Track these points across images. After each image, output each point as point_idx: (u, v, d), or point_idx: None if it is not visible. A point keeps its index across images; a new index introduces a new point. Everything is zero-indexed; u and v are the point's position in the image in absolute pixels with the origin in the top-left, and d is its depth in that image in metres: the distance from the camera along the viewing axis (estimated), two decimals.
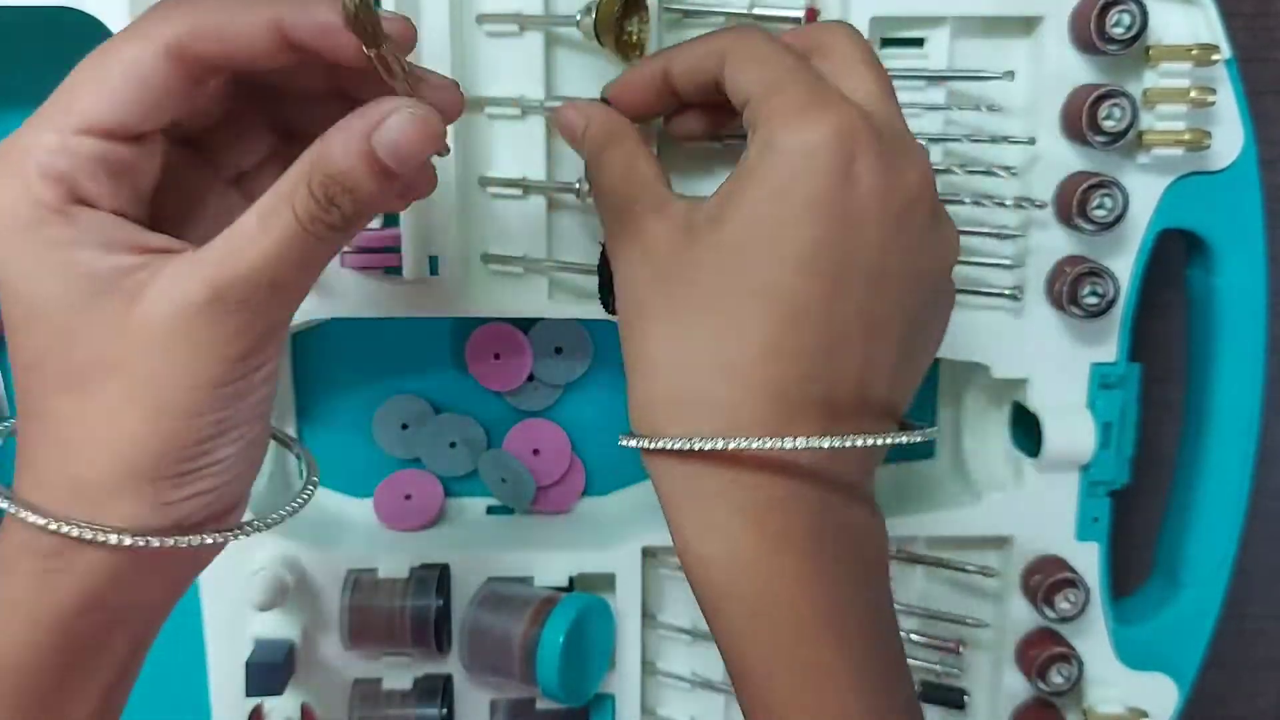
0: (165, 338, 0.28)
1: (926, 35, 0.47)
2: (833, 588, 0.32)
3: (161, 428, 0.29)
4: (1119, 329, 0.49)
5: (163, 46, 0.28)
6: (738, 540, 0.32)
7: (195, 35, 0.28)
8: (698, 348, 0.32)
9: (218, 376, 0.29)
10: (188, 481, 0.30)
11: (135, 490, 0.29)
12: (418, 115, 0.29)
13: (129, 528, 0.29)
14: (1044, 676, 0.50)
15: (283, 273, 0.29)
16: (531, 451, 0.54)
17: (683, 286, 0.33)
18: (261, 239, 0.29)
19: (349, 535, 0.53)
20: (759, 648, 0.32)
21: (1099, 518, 0.51)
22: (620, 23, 0.42)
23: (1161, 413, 0.56)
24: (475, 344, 0.53)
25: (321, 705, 0.51)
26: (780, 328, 0.32)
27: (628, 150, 0.37)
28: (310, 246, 0.29)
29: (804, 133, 0.32)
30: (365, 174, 0.29)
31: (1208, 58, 0.45)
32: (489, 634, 0.49)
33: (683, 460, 0.32)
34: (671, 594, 0.53)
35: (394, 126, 0.28)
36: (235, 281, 0.29)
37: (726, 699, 0.53)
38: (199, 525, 0.31)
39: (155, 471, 0.29)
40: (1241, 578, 0.52)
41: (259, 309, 0.29)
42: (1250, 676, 0.64)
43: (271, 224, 0.29)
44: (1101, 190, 0.45)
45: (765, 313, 0.32)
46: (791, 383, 0.32)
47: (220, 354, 0.29)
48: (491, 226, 0.48)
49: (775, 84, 0.33)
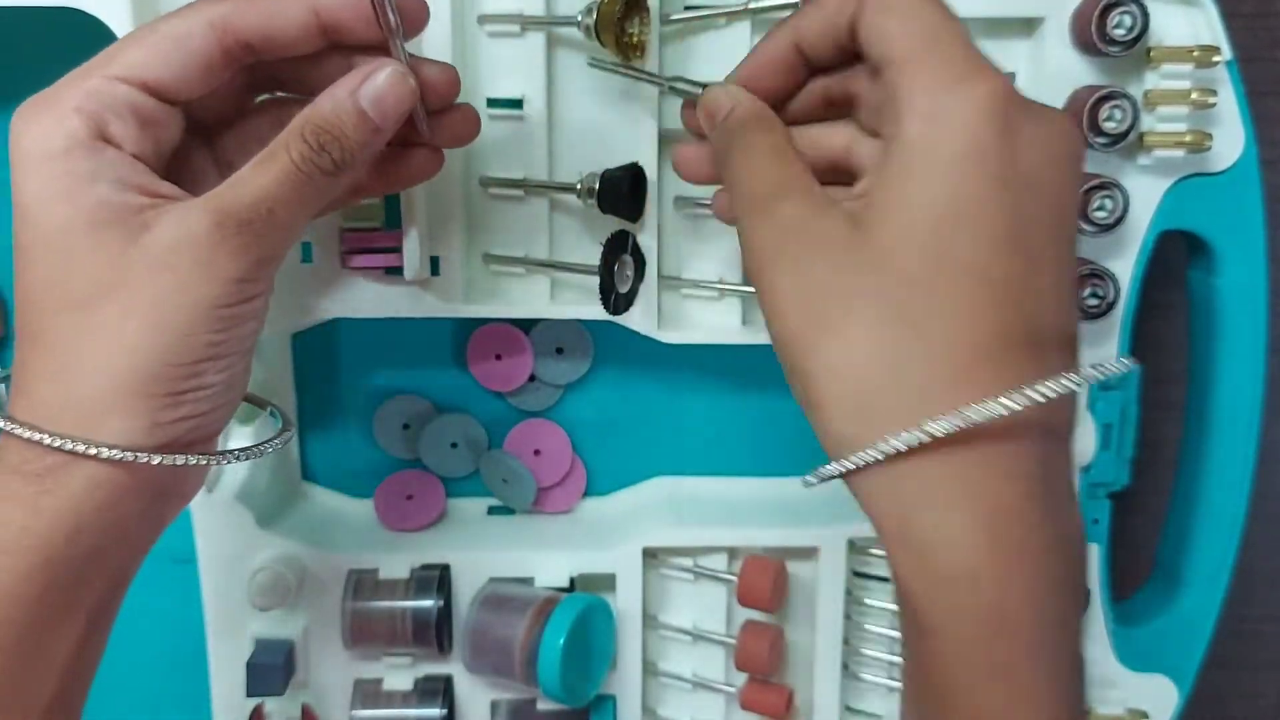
0: (168, 257, 0.30)
1: None
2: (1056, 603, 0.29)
3: (159, 342, 0.30)
4: (1119, 331, 0.49)
5: (205, 21, 0.32)
6: (973, 553, 0.28)
7: (239, 14, 0.32)
8: (907, 339, 0.29)
9: (216, 296, 0.31)
10: (179, 402, 0.31)
11: (129, 406, 0.30)
12: (396, 72, 0.33)
13: (120, 444, 0.30)
14: None
15: (279, 203, 0.32)
16: (532, 452, 0.54)
17: (876, 276, 0.29)
18: (259, 176, 0.32)
19: (350, 536, 0.53)
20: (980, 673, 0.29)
21: (1099, 519, 0.51)
22: (621, 23, 0.42)
23: (1162, 414, 0.56)
24: (476, 344, 0.53)
25: (322, 705, 0.51)
26: (992, 304, 0.29)
27: (776, 138, 0.34)
28: (304, 184, 0.32)
29: (971, 102, 0.29)
30: (351, 123, 0.33)
31: (1208, 59, 0.45)
32: (490, 634, 0.49)
33: (909, 466, 0.29)
34: (672, 594, 0.53)
35: (376, 81, 0.33)
36: (236, 207, 0.31)
37: (727, 699, 0.53)
38: (185, 448, 0.32)
39: (149, 388, 0.31)
40: (1242, 579, 0.52)
41: (258, 233, 0.32)
42: (1250, 678, 0.64)
43: (268, 165, 0.32)
44: (1102, 192, 0.45)
45: (978, 292, 0.29)
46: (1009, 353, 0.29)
47: (219, 273, 0.31)
48: (493, 227, 0.48)
49: (929, 40, 0.30)
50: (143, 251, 0.30)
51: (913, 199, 0.29)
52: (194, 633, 0.49)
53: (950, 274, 0.29)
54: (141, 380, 0.30)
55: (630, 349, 0.54)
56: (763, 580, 0.50)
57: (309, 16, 0.33)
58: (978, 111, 0.29)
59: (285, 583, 0.49)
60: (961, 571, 0.28)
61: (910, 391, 0.29)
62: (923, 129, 0.29)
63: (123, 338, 0.30)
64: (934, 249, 0.29)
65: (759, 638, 0.51)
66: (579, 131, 0.47)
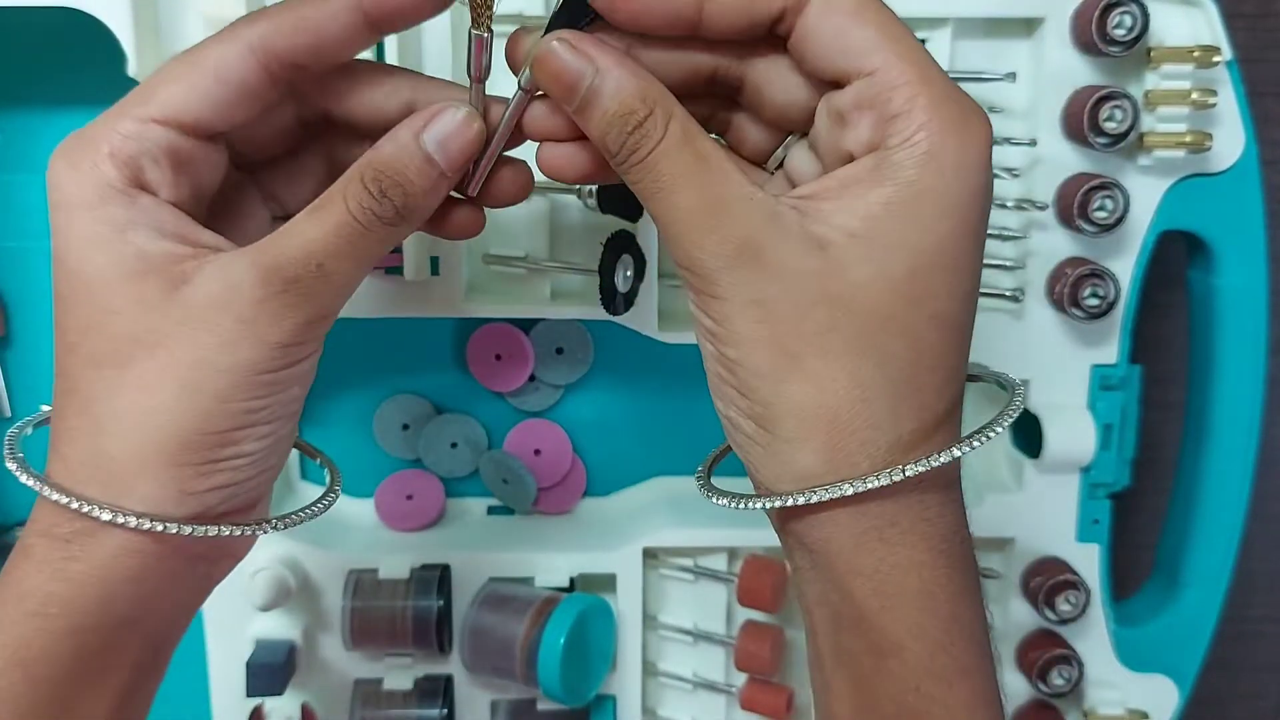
0: (207, 314, 0.29)
1: (928, 36, 0.47)
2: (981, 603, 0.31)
3: (194, 407, 0.29)
4: (1120, 331, 0.49)
5: (246, 45, 0.30)
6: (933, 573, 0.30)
7: (278, 31, 0.30)
8: (879, 386, 0.28)
9: (257, 361, 0.29)
10: (212, 471, 0.30)
11: (159, 473, 0.29)
12: (462, 113, 0.31)
13: (149, 512, 0.29)
14: (1044, 678, 0.50)
15: (331, 257, 0.29)
16: (532, 452, 0.54)
17: (843, 314, 0.28)
18: (310, 228, 0.30)
19: (350, 536, 0.53)
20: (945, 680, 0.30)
21: (1099, 519, 0.51)
22: None
23: (1162, 414, 0.56)
24: (476, 344, 0.53)
25: (322, 706, 0.51)
26: (955, 350, 0.29)
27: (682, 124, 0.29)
28: (359, 236, 0.30)
29: (972, 147, 0.28)
30: (414, 167, 0.30)
31: (1209, 59, 0.45)
32: (490, 634, 0.49)
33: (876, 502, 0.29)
34: (672, 595, 0.53)
35: (442, 122, 0.30)
36: (284, 262, 0.29)
37: (727, 699, 0.53)
38: (218, 519, 0.30)
39: (181, 456, 0.29)
40: (1242, 580, 0.52)
41: (306, 292, 0.29)
42: (1250, 678, 0.64)
43: (321, 214, 0.30)
44: (1103, 192, 0.45)
45: (949, 342, 0.29)
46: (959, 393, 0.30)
47: (261, 335, 0.29)
48: (493, 227, 0.47)
49: (912, 61, 0.28)
50: (181, 307, 0.29)
51: (901, 240, 0.28)
52: (194, 633, 0.49)
53: (927, 322, 0.29)
54: (172, 447, 0.29)
55: (630, 349, 0.54)
56: (763, 580, 0.50)
57: (353, 15, 0.30)
58: (974, 158, 0.28)
59: (285, 583, 0.49)
60: (921, 590, 0.29)
61: (880, 430, 0.29)
62: (923, 172, 0.28)
63: (155, 400, 0.29)
64: (916, 295, 0.28)
65: (759, 638, 0.51)
66: None
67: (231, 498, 0.30)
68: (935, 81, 0.28)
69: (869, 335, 0.28)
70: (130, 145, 0.29)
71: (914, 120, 0.28)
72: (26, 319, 0.51)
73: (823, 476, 0.29)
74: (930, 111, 0.28)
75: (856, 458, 0.29)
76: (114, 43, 0.41)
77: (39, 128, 0.49)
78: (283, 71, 0.30)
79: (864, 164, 0.28)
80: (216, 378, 0.29)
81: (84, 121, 0.52)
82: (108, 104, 0.50)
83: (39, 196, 0.50)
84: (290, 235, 0.30)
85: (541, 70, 0.30)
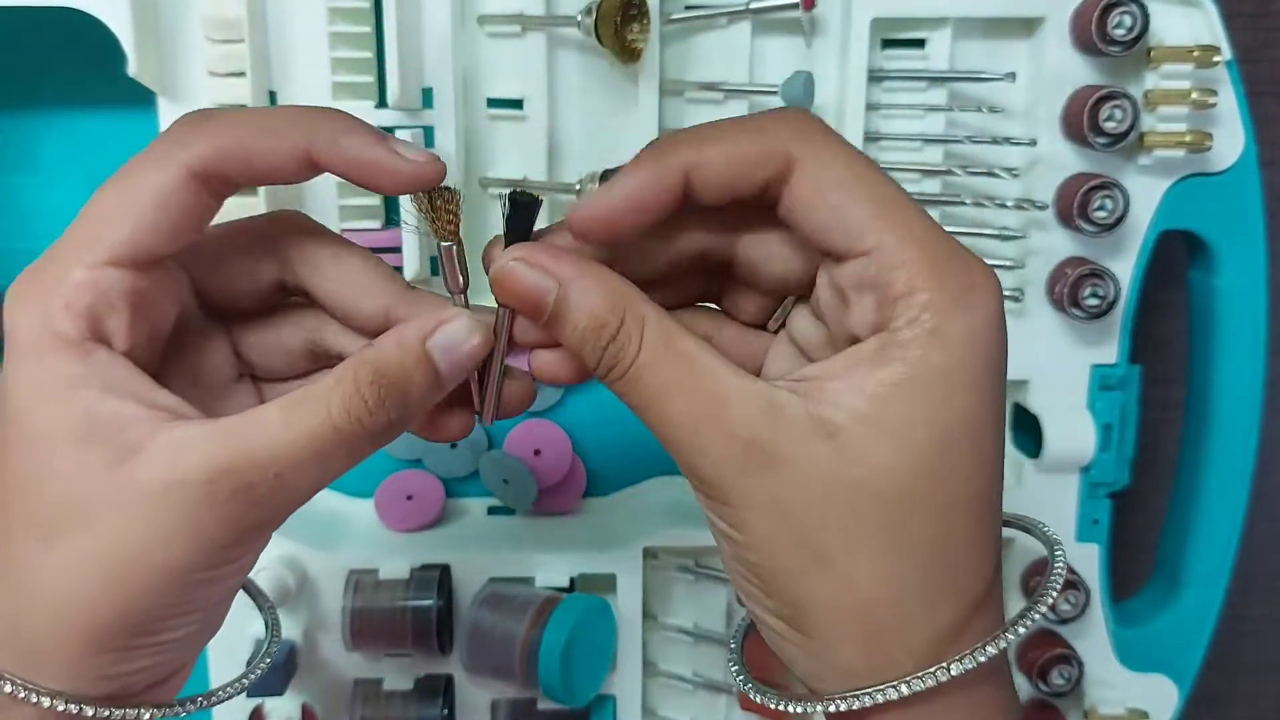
0: (148, 507, 0.27)
1: (927, 36, 0.47)
2: None
3: (119, 600, 0.27)
4: (1119, 331, 0.49)
5: (186, 170, 0.28)
6: None
7: (220, 157, 0.28)
8: (912, 574, 0.27)
9: (193, 562, 0.27)
10: (133, 657, 0.28)
11: (77, 655, 0.27)
12: (471, 324, 0.29)
13: (64, 691, 0.27)
14: (1045, 678, 0.50)
15: (294, 470, 0.27)
16: (533, 452, 0.54)
17: (866, 504, 0.27)
18: (279, 431, 0.27)
19: (350, 536, 0.53)
20: None
21: (1099, 519, 0.51)
22: (620, 24, 0.42)
23: (1162, 414, 0.56)
24: None
25: (322, 705, 0.51)
26: (993, 534, 0.28)
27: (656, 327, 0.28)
28: (334, 448, 0.28)
29: (978, 316, 0.27)
30: (420, 374, 0.28)
31: (1209, 59, 0.45)
32: (490, 635, 0.49)
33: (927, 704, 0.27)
34: (672, 595, 0.53)
35: (451, 332, 0.29)
36: (239, 467, 0.27)
37: (727, 699, 0.53)
38: (136, 696, 0.29)
39: (101, 643, 0.27)
40: (1242, 580, 0.52)
41: (257, 501, 0.27)
42: (1250, 678, 0.64)
43: (295, 417, 0.27)
44: (1102, 192, 0.45)
45: (980, 520, 0.28)
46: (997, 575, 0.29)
47: (202, 539, 0.27)
48: (493, 227, 0.48)
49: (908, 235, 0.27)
50: (120, 487, 0.27)
51: (915, 418, 0.26)
52: None
53: (954, 502, 0.27)
54: (92, 635, 0.27)
55: None
56: None
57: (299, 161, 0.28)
58: (985, 328, 0.27)
59: (285, 583, 0.49)
60: None
61: (917, 624, 0.27)
62: (930, 350, 0.26)
63: (77, 585, 0.27)
64: (943, 475, 0.27)
65: (759, 638, 0.51)
66: (579, 131, 0.47)
67: (154, 678, 0.29)
68: (936, 254, 0.27)
69: (896, 523, 0.27)
70: (84, 295, 0.27)
71: (917, 301, 0.26)
72: None
73: (865, 676, 0.27)
74: (933, 289, 0.26)
75: (898, 654, 0.27)
76: (114, 43, 0.41)
77: (39, 128, 0.49)
78: (225, 189, 0.29)
79: (870, 344, 0.27)
80: (145, 572, 0.27)
81: (84, 121, 0.53)
82: (108, 104, 0.50)
83: (39, 196, 0.50)
84: (255, 434, 0.27)
85: (501, 292, 0.29)
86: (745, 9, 0.45)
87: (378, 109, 0.44)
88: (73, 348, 0.27)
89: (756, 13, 0.45)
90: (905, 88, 0.47)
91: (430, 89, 0.44)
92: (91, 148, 0.50)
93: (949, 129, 0.47)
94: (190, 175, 0.28)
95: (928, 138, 0.47)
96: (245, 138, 0.28)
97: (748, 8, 0.45)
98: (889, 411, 0.26)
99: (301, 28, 0.44)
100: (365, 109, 0.44)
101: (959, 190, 0.47)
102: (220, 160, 0.28)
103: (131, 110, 0.48)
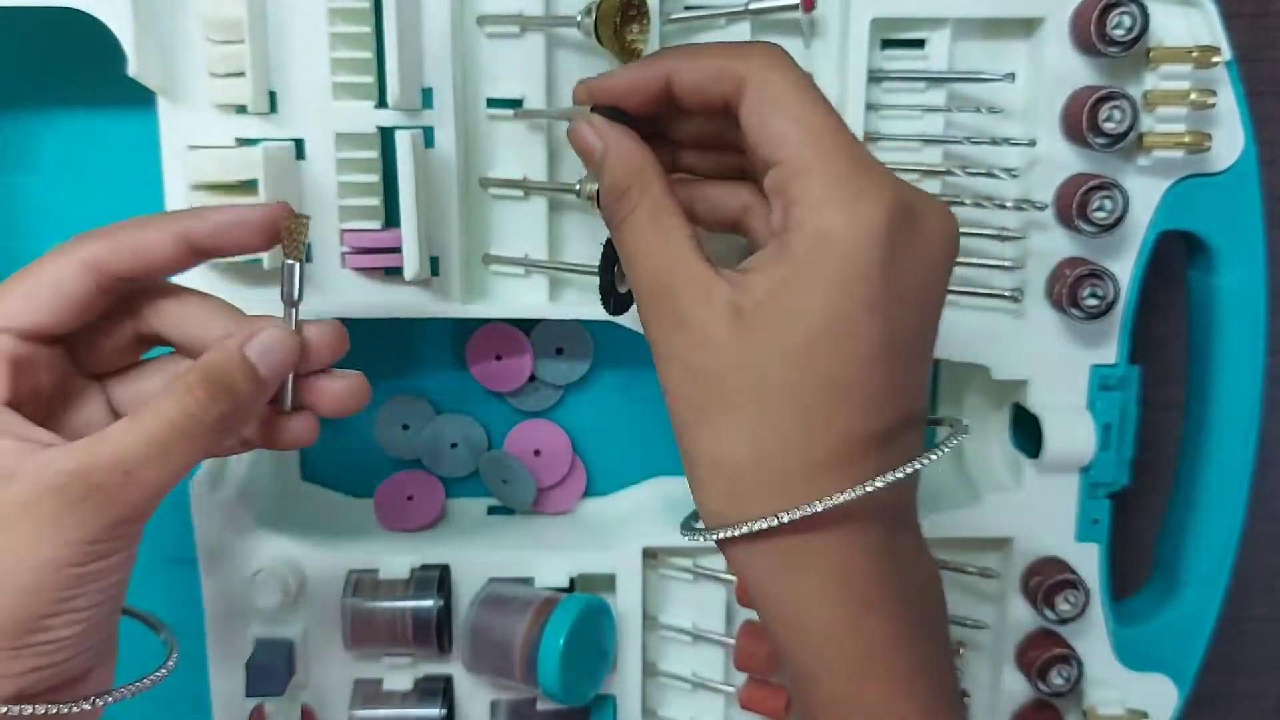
0: (18, 515, 0.31)
1: (927, 36, 0.47)
2: (924, 643, 0.33)
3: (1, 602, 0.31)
4: (1119, 331, 0.49)
5: (80, 262, 0.34)
6: (837, 613, 0.32)
7: (111, 251, 0.34)
8: (775, 443, 0.31)
9: (62, 558, 0.31)
10: (22, 656, 0.31)
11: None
12: (282, 331, 0.36)
13: None
14: (1044, 678, 0.50)
15: (140, 465, 0.32)
16: (532, 452, 0.55)
17: (750, 380, 0.32)
18: (123, 435, 0.32)
19: (350, 536, 0.53)
20: (861, 712, 0.32)
21: (1099, 519, 0.51)
22: (620, 24, 0.42)
23: (1161, 414, 0.56)
24: (476, 344, 0.53)
25: (322, 705, 0.51)
26: (858, 413, 0.31)
27: (654, 201, 0.34)
28: (173, 442, 0.33)
29: (860, 218, 0.31)
30: (241, 374, 0.34)
31: (1208, 59, 0.45)
32: (490, 634, 0.49)
33: (768, 542, 0.32)
34: (672, 595, 0.53)
35: (264, 337, 0.35)
36: (90, 467, 0.31)
37: (726, 699, 0.53)
38: (39, 696, 0.32)
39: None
40: (1241, 579, 0.52)
41: (111, 495, 0.32)
42: (1250, 678, 0.64)
43: (138, 422, 0.32)
44: (1102, 192, 0.45)
45: (845, 404, 0.31)
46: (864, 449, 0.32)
47: (66, 536, 0.31)
48: (493, 227, 0.48)
49: (817, 148, 0.32)
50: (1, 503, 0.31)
51: (792, 312, 0.31)
52: (194, 633, 0.49)
53: (817, 385, 0.31)
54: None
55: (630, 349, 0.54)
56: None
57: (177, 242, 0.35)
58: (862, 235, 0.31)
59: (285, 583, 0.49)
60: (825, 629, 0.32)
61: (772, 484, 0.32)
62: (809, 248, 0.31)
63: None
64: (805, 362, 0.31)
65: (759, 638, 0.51)
66: None
67: (52, 677, 0.32)
68: (837, 166, 0.31)
69: (763, 397, 0.31)
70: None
71: (805, 206, 0.31)
72: None
73: (726, 516, 0.32)
74: (822, 196, 0.31)
75: (753, 504, 0.32)
76: (114, 43, 0.41)
77: (39, 128, 0.49)
78: (113, 285, 0.35)
79: (774, 245, 0.32)
80: (22, 574, 0.31)
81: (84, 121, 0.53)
82: (108, 104, 0.50)
83: (39, 196, 0.50)
84: (104, 441, 0.32)
85: (572, 139, 0.37)
86: (745, 9, 0.45)
87: (378, 109, 0.44)
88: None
89: (756, 13, 0.45)
90: (904, 88, 0.47)
91: (430, 89, 0.44)
92: (91, 148, 0.50)
93: (948, 129, 0.47)
94: (83, 266, 0.34)
95: (927, 138, 0.47)
96: (131, 231, 0.35)
97: (747, 8, 0.45)
98: (773, 304, 0.31)
99: (301, 28, 0.43)
100: (365, 109, 0.44)
101: (958, 190, 0.47)
102: (111, 251, 0.34)
103: (131, 110, 0.48)
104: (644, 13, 0.43)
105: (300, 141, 0.45)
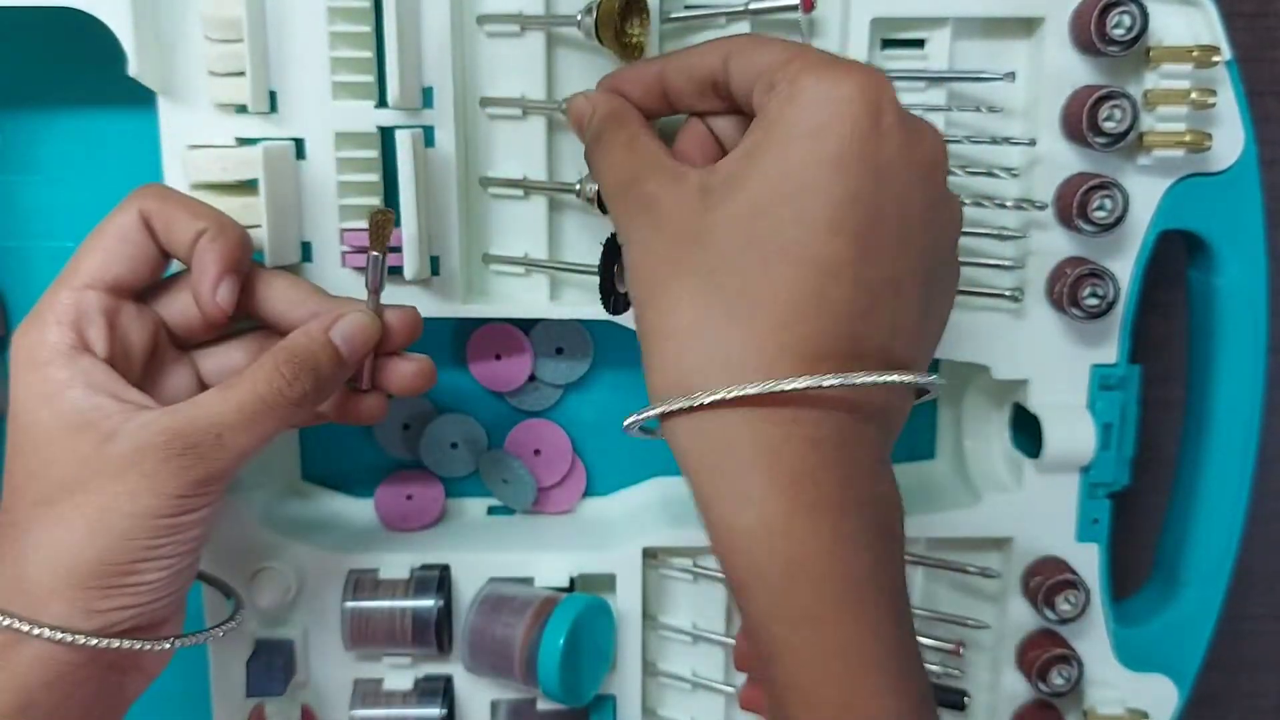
0: (121, 468, 0.35)
1: (927, 36, 0.47)
2: (861, 558, 0.30)
3: (98, 544, 0.34)
4: (1119, 330, 0.49)
5: (138, 213, 0.38)
6: (770, 509, 0.30)
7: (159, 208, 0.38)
8: (721, 313, 0.31)
9: (156, 508, 0.35)
10: (114, 595, 0.35)
11: (67, 595, 0.34)
12: (365, 316, 0.40)
13: (60, 625, 0.34)
14: (1044, 678, 0.50)
15: (230, 430, 0.36)
16: (532, 452, 0.55)
17: (701, 251, 0.31)
18: (217, 404, 0.36)
19: (350, 536, 0.53)
20: (788, 623, 0.30)
21: (1099, 519, 0.51)
22: (620, 23, 0.42)
23: (1162, 414, 0.56)
24: (476, 344, 0.53)
25: (322, 705, 0.51)
26: (809, 288, 0.30)
27: (630, 130, 0.36)
28: (260, 413, 0.36)
29: (832, 83, 0.30)
30: (325, 356, 0.38)
31: (1208, 59, 0.45)
32: (490, 634, 0.49)
33: (712, 425, 0.31)
34: (672, 595, 0.53)
35: (348, 322, 0.39)
36: (188, 429, 0.35)
37: (726, 699, 0.53)
38: (123, 634, 0.36)
39: (87, 581, 0.35)
40: (1241, 579, 0.52)
41: (203, 456, 0.35)
42: (1250, 678, 0.64)
43: (229, 392, 0.36)
44: (1102, 192, 0.45)
45: (794, 274, 0.30)
46: (819, 341, 0.30)
47: (161, 488, 0.35)
48: (493, 227, 0.48)
49: (794, 50, 0.32)
50: (102, 460, 0.35)
51: (751, 174, 0.31)
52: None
53: (765, 256, 0.30)
54: (79, 574, 0.34)
55: (630, 349, 0.53)
56: None
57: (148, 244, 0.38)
58: (836, 97, 0.30)
59: (285, 583, 0.49)
60: (760, 527, 0.30)
61: (714, 358, 0.31)
62: (779, 106, 0.31)
63: (69, 535, 0.35)
64: (755, 229, 0.30)
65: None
66: None
67: (135, 617, 0.36)
68: (817, 58, 0.31)
69: (713, 274, 0.31)
70: (70, 311, 0.36)
71: (785, 80, 0.31)
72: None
73: (668, 391, 0.32)
74: (799, 68, 0.31)
75: (697, 379, 0.31)
76: (114, 43, 0.41)
77: (39, 128, 0.49)
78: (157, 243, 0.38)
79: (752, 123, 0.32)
80: (121, 520, 0.35)
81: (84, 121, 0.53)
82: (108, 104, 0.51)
83: (39, 196, 0.50)
84: (199, 405, 0.36)
85: (569, 113, 0.40)
86: (744, 9, 0.45)
87: (378, 109, 0.44)
88: (62, 355, 0.36)
89: (755, 13, 0.45)
90: (905, 88, 0.47)
91: (430, 88, 0.44)
92: (91, 148, 0.50)
93: (948, 129, 0.47)
94: (141, 216, 0.38)
95: None
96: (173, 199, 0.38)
97: (747, 8, 0.45)
98: (738, 168, 0.31)
99: (301, 28, 0.44)
100: (365, 109, 0.44)
101: (958, 190, 0.47)
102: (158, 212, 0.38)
103: (131, 110, 0.48)
104: (644, 6, 0.43)
105: (300, 141, 0.45)
